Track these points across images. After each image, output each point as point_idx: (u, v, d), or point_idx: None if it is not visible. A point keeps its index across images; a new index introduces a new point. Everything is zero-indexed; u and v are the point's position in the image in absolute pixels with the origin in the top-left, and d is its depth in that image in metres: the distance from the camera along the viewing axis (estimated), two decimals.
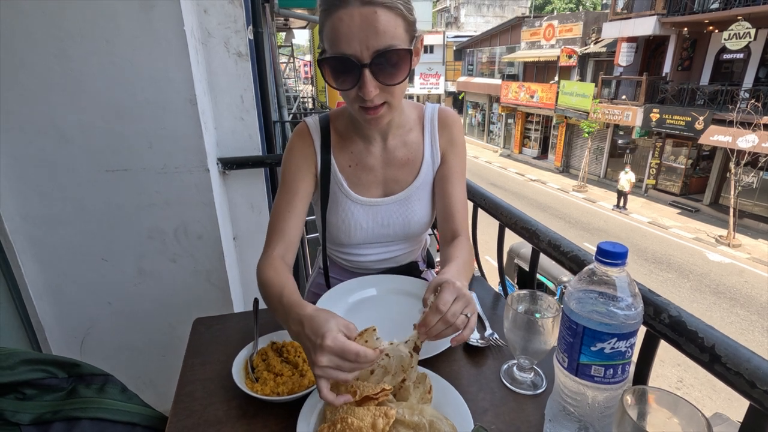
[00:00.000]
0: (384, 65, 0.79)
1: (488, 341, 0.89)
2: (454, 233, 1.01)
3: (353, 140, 1.02)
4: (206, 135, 1.47)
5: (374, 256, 1.11)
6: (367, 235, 1.05)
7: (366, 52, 0.77)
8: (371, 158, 1.02)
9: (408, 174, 1.04)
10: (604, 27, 14.16)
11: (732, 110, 10.26)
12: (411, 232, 1.07)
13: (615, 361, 0.56)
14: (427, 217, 1.07)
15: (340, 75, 0.81)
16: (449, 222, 1.01)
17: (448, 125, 1.04)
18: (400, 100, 0.89)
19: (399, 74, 0.81)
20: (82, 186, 1.41)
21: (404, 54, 0.79)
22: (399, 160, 1.03)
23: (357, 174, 1.03)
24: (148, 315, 1.62)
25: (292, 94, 9.72)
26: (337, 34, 0.77)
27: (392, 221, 1.05)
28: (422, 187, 1.05)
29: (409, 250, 1.14)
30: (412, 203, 1.04)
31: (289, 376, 0.75)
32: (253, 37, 1.66)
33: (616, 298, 0.55)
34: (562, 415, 0.62)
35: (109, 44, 1.29)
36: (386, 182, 1.04)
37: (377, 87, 0.80)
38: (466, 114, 25.21)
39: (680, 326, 0.61)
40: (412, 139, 1.04)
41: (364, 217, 1.03)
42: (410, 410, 0.65)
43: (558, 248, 0.89)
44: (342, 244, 1.08)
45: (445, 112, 1.06)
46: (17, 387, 0.74)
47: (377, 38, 0.76)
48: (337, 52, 0.78)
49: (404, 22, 0.80)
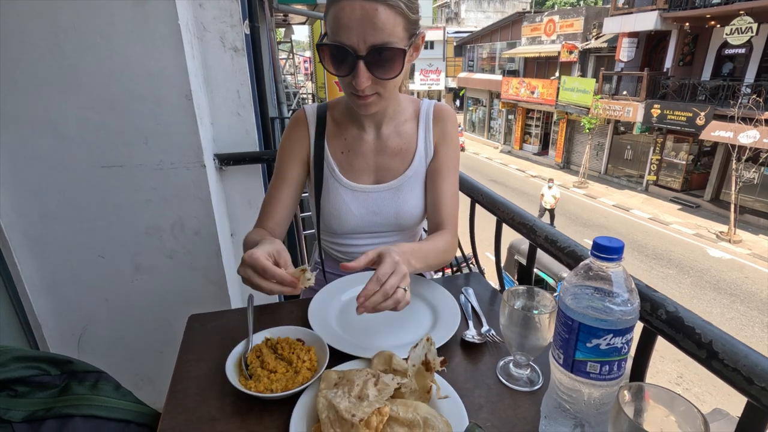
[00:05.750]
0: (378, 59, 0.82)
1: (485, 337, 0.88)
2: (439, 225, 1.04)
3: (348, 127, 1.05)
4: (202, 130, 1.46)
5: (366, 247, 1.10)
6: (358, 223, 1.06)
7: (362, 45, 0.81)
8: (364, 145, 1.04)
9: (400, 163, 1.05)
10: (605, 22, 14.08)
11: (733, 106, 10.22)
12: (403, 222, 1.08)
13: (611, 357, 0.55)
14: (418, 208, 1.08)
15: (337, 62, 0.85)
16: (436, 214, 1.05)
17: (442, 119, 1.06)
18: (392, 93, 0.93)
19: (392, 70, 0.85)
20: (78, 182, 1.40)
21: (398, 52, 0.83)
22: (391, 148, 1.04)
23: (349, 160, 1.05)
24: (145, 311, 1.62)
25: (291, 91, 9.68)
26: (339, 23, 0.80)
27: (383, 209, 1.06)
28: (414, 178, 1.06)
29: (401, 242, 1.13)
30: (403, 193, 1.05)
31: (283, 373, 0.74)
32: (249, 32, 1.65)
33: (613, 294, 0.54)
34: (558, 411, 0.62)
35: (104, 39, 1.28)
36: (378, 170, 1.05)
37: (369, 79, 0.84)
38: (466, 110, 25.14)
39: (677, 322, 0.60)
40: (407, 130, 1.05)
41: (355, 203, 1.05)
42: (404, 407, 0.65)
43: (555, 244, 0.88)
44: (335, 232, 1.09)
45: (441, 107, 1.07)
46: (9, 384, 0.73)
47: (374, 33, 0.80)
48: (336, 40, 0.82)
49: (405, 20, 0.83)
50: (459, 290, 1.04)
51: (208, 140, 1.57)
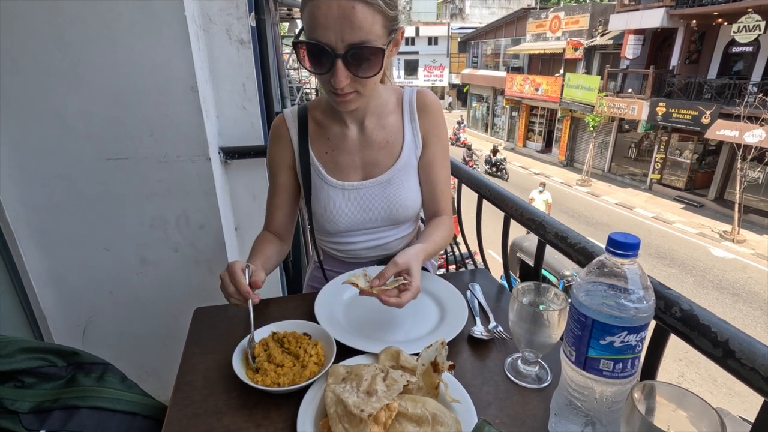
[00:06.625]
0: (357, 58, 0.81)
1: (492, 334, 0.87)
2: (437, 213, 1.08)
3: (330, 126, 1.03)
4: (208, 123, 1.46)
5: (362, 244, 1.10)
6: (350, 221, 1.05)
7: (340, 44, 0.79)
8: (348, 142, 1.03)
9: (388, 156, 1.03)
10: (611, 19, 13.96)
11: (739, 104, 10.13)
12: (396, 216, 1.06)
13: (624, 355, 0.54)
14: (411, 200, 1.06)
15: (315, 59, 0.83)
16: (434, 203, 1.08)
17: (428, 110, 1.04)
18: (372, 90, 0.92)
19: (371, 69, 0.84)
20: (83, 174, 1.40)
21: (377, 51, 0.82)
22: (377, 142, 1.02)
23: (334, 159, 1.03)
24: (149, 304, 1.62)
25: (295, 85, 9.64)
26: (315, 21, 0.78)
27: (374, 205, 1.04)
28: (404, 170, 1.04)
29: (398, 237, 1.12)
30: (394, 186, 1.03)
31: (290, 367, 0.74)
32: (255, 25, 1.63)
33: (627, 291, 0.54)
34: (569, 409, 0.61)
35: (109, 30, 1.27)
36: (365, 165, 1.04)
37: (348, 77, 0.83)
38: (470, 107, 25.03)
39: (692, 320, 0.59)
40: (391, 122, 1.03)
41: (345, 202, 1.03)
42: (413, 403, 0.64)
43: (565, 240, 0.87)
44: (329, 232, 1.08)
45: (424, 95, 1.05)
46: (16, 375, 0.73)
47: (352, 32, 0.78)
48: (313, 38, 0.80)
49: (383, 17, 0.81)
50: (465, 286, 1.04)
51: (214, 133, 1.56)
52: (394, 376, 0.66)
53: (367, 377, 0.66)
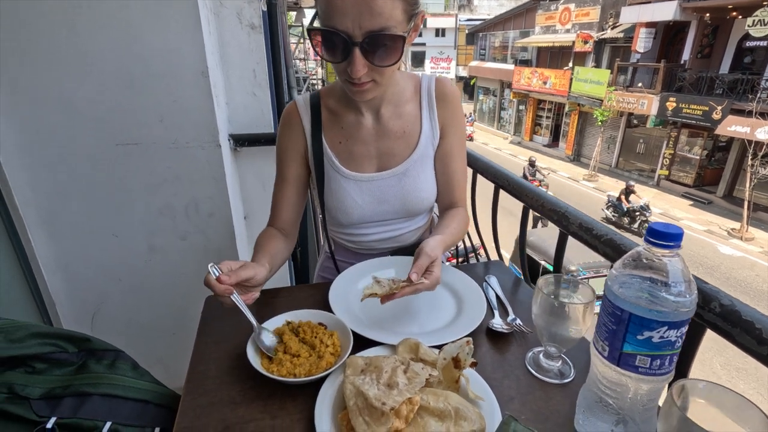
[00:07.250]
0: (375, 46, 0.76)
1: (512, 327, 0.85)
2: (453, 204, 1.05)
3: (344, 115, 0.99)
4: (218, 110, 1.43)
5: (376, 236, 1.06)
6: (364, 213, 1.01)
7: (358, 31, 0.74)
8: (363, 131, 0.98)
9: (404, 147, 0.99)
10: (623, 11, 13.71)
11: (752, 100, 9.96)
12: (411, 208, 1.03)
13: (663, 351, 0.51)
14: (427, 192, 1.02)
15: (330, 47, 0.79)
16: (450, 194, 1.05)
17: (447, 100, 1.00)
18: (390, 79, 0.87)
19: (390, 57, 0.79)
20: (93, 160, 1.38)
21: (397, 38, 0.77)
22: (394, 132, 0.98)
23: (348, 149, 0.99)
24: (158, 292, 1.61)
25: (302, 75, 9.57)
26: (331, 6, 0.74)
27: (389, 197, 1.00)
28: (420, 161, 1.00)
29: (412, 228, 1.09)
30: (410, 177, 1.00)
31: (306, 358, 0.72)
32: (266, 9, 1.60)
33: (668, 284, 0.51)
34: (599, 406, 0.58)
35: (120, 14, 1.24)
36: (380, 156, 0.99)
37: (366, 66, 0.79)
38: (476, 99, 24.82)
39: (733, 316, 0.56)
40: (409, 110, 0.99)
41: (359, 193, 0.99)
42: (435, 397, 0.62)
43: (590, 231, 0.84)
44: (342, 224, 1.05)
45: (443, 83, 1.01)
46: (27, 360, 0.72)
47: (371, 19, 0.73)
48: (329, 25, 0.76)
49: (403, 2, 0.76)
50: (481, 278, 1.01)
51: (224, 120, 1.54)
52: (416, 369, 0.64)
53: (387, 369, 0.64)
